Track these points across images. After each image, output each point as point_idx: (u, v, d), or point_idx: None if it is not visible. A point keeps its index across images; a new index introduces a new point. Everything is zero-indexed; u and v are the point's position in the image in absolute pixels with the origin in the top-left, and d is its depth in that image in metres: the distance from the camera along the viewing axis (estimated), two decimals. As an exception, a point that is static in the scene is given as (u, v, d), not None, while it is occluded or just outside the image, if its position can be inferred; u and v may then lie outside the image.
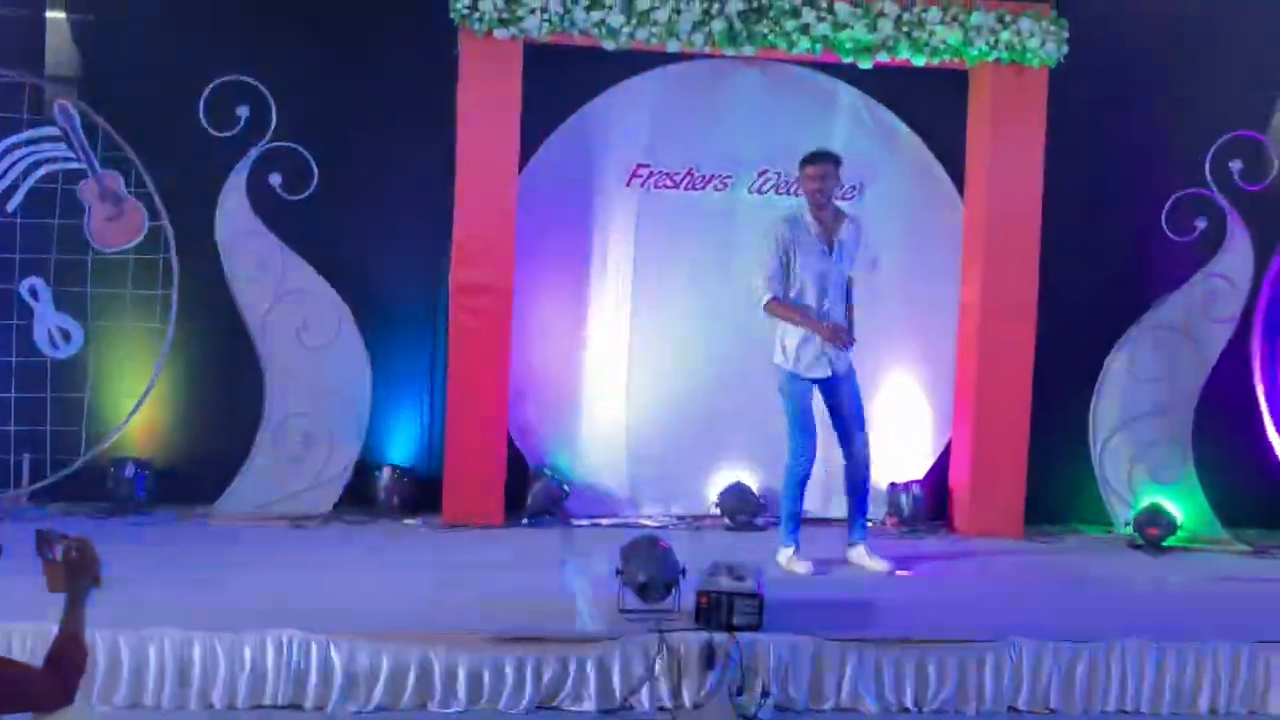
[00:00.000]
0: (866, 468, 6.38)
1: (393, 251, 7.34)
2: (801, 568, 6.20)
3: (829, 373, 6.24)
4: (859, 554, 6.38)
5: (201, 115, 6.92)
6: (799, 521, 6.33)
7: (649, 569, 5.09)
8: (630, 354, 7.37)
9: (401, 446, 7.41)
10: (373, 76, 7.23)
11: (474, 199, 6.98)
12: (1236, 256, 7.56)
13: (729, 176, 7.45)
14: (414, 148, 7.27)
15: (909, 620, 5.34)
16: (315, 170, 7.04)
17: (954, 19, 7.13)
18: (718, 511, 7.34)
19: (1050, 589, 6.24)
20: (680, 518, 7.39)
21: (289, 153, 7.02)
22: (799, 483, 6.28)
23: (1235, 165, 7.54)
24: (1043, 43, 7.18)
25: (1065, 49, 7.22)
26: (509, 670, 4.83)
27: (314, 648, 4.79)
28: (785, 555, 6.28)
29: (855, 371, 6.39)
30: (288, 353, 7.03)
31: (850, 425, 6.34)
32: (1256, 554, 7.20)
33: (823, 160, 6.22)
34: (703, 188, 7.40)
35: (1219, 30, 7.70)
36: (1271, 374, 7.70)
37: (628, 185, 7.39)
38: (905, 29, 7.12)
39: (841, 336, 6.21)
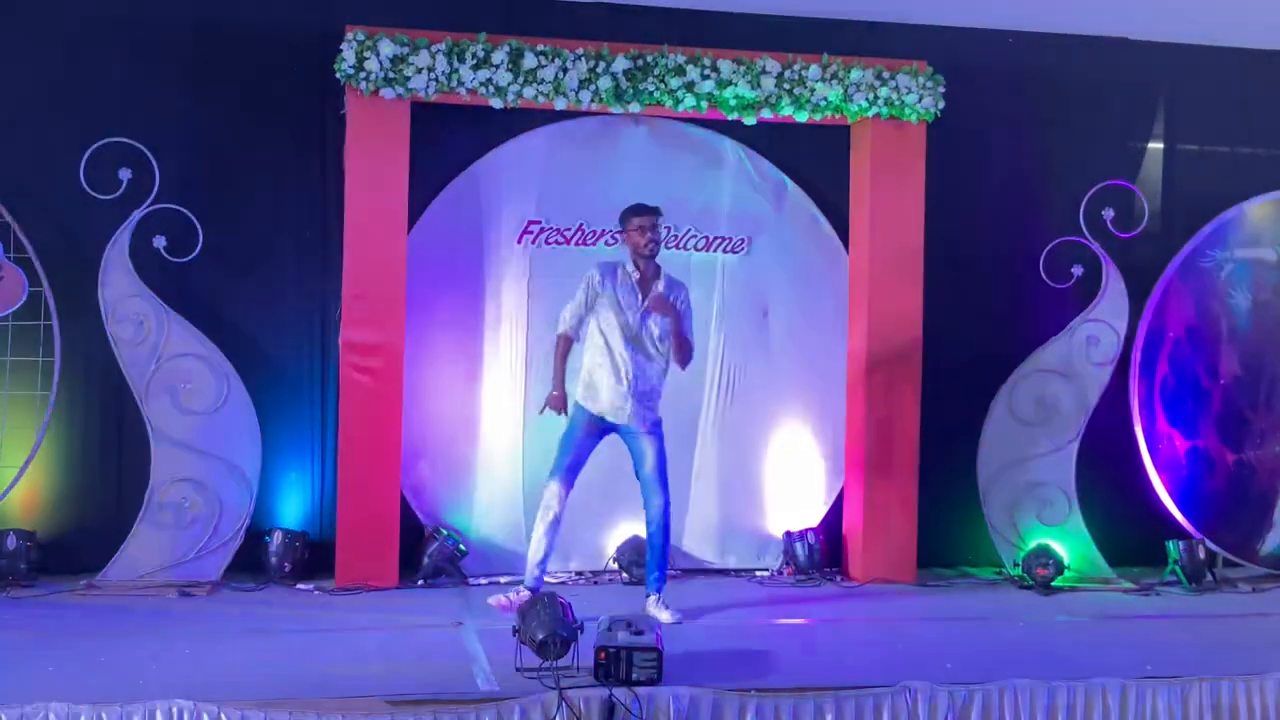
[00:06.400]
0: (659, 525, 6.43)
1: (281, 312, 7.27)
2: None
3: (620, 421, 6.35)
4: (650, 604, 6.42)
5: (82, 178, 6.82)
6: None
7: (546, 626, 5.06)
8: (525, 409, 7.35)
9: (292, 510, 7.29)
10: (258, 136, 7.18)
11: (363, 257, 6.95)
12: (1113, 301, 7.80)
13: (620, 231, 7.49)
14: (301, 206, 7.24)
15: (806, 669, 5.38)
16: (200, 231, 6.96)
17: (834, 76, 7.30)
18: (615, 566, 7.34)
19: (943, 632, 6.33)
20: (578, 573, 7.37)
21: (173, 214, 6.94)
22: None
23: (1108, 213, 7.81)
24: (920, 98, 7.38)
25: (941, 103, 7.43)
26: (406, 734, 4.76)
27: (204, 718, 4.68)
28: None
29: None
30: (174, 417, 6.90)
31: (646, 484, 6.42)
32: (1141, 591, 7.38)
33: (650, 213, 6.37)
34: (594, 243, 7.44)
35: (1086, 82, 8.01)
36: (1149, 414, 7.94)
37: (519, 242, 7.41)
38: (787, 86, 7.27)
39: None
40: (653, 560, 6.49)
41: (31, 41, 6.97)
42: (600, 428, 6.40)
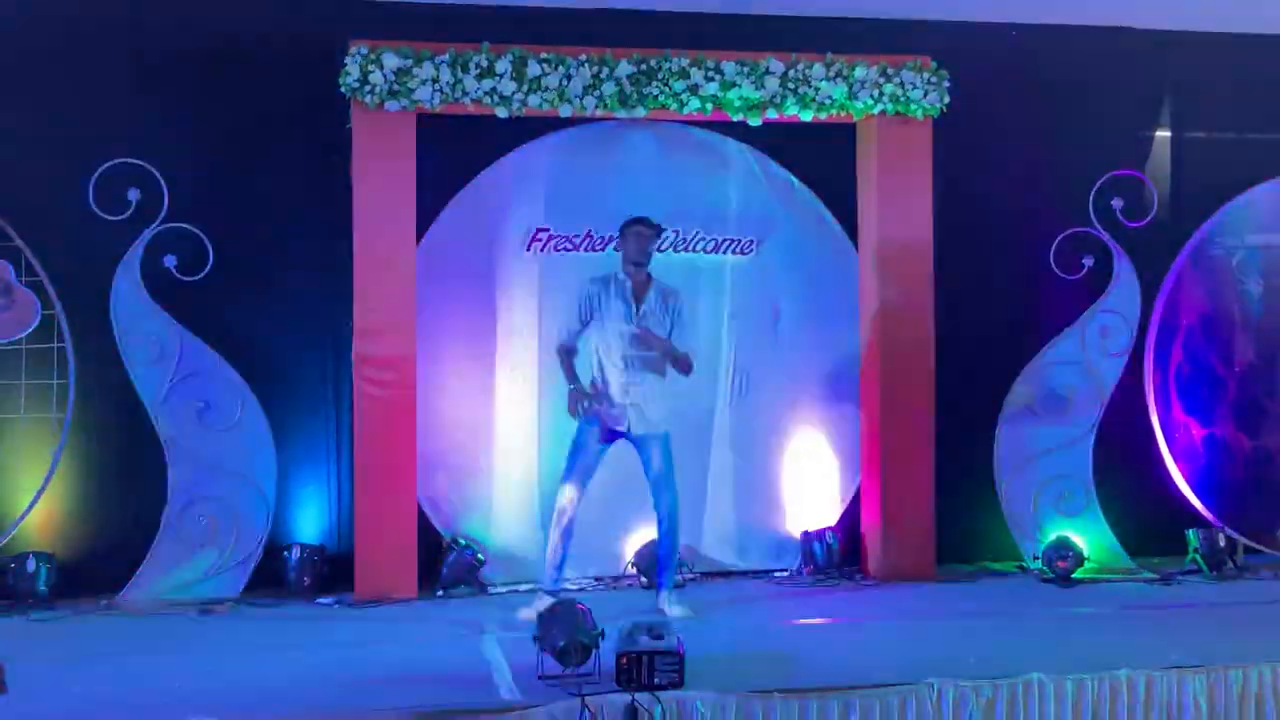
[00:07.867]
0: (668, 525, 6.56)
1: (293, 327, 7.28)
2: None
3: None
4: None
5: (91, 199, 6.85)
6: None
7: (567, 633, 5.06)
8: (539, 417, 7.34)
9: (310, 524, 7.31)
10: (265, 152, 7.19)
11: (373, 270, 6.96)
12: (1125, 291, 7.78)
13: (618, 237, 7.47)
14: (310, 222, 7.25)
15: (829, 668, 5.36)
16: (210, 250, 6.98)
17: (838, 74, 7.29)
18: (634, 571, 7.34)
19: (965, 628, 6.31)
20: (597, 579, 7.36)
21: (183, 233, 6.96)
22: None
23: (1117, 203, 7.79)
24: (925, 94, 7.37)
25: (947, 98, 7.42)
26: (430, 745, 4.76)
27: (229, 735, 4.69)
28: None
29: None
30: (189, 435, 6.93)
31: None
32: (1162, 581, 7.35)
33: (651, 226, 6.52)
34: (602, 248, 7.41)
35: (1092, 73, 7.98)
36: (1165, 403, 7.91)
37: (528, 250, 7.41)
38: (791, 86, 7.26)
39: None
40: (663, 558, 6.59)
41: (37, 64, 6.99)
42: (607, 433, 6.45)
